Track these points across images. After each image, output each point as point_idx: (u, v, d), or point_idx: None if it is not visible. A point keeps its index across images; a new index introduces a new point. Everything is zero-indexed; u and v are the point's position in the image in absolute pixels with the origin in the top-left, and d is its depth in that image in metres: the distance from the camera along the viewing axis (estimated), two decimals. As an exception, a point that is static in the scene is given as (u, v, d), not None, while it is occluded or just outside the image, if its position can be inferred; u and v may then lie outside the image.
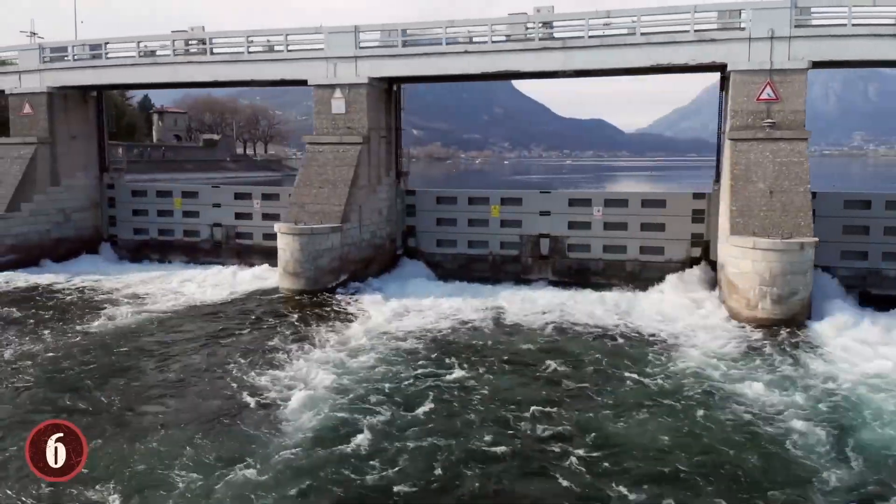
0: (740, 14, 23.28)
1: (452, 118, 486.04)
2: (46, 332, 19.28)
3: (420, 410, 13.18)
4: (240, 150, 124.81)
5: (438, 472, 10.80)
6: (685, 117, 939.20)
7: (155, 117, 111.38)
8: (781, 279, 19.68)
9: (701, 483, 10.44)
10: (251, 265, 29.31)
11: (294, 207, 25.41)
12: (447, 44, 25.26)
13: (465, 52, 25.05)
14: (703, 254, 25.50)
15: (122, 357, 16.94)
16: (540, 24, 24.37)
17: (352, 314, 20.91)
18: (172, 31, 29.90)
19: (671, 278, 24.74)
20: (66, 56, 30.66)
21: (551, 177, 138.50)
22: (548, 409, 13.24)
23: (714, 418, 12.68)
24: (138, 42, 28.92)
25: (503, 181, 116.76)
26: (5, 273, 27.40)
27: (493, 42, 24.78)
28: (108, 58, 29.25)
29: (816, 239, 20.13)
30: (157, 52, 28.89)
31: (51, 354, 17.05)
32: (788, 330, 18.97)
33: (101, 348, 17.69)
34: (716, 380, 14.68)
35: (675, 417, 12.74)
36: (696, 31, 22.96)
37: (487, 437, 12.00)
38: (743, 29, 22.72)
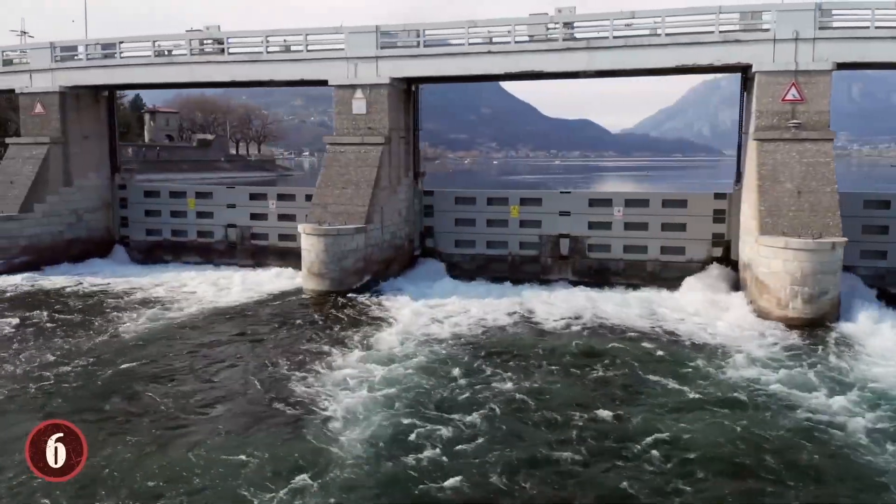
0: (762, 16, 23.49)
1: (439, 118, 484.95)
2: (77, 335, 19.00)
3: (474, 417, 12.93)
4: (232, 150, 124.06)
5: (504, 479, 10.61)
6: (670, 117, 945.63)
7: (147, 117, 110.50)
8: (812, 279, 19.82)
9: (772, 486, 10.45)
10: (266, 266, 29.18)
11: (317, 208, 25.27)
12: (470, 44, 25.23)
13: (489, 52, 25.03)
14: (724, 253, 25.65)
15: (159, 361, 16.69)
16: (562, 25, 24.39)
17: (383, 317, 20.73)
18: (187, 31, 29.70)
19: (694, 278, 24.84)
20: (76, 55, 30.38)
21: (546, 177, 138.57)
22: (603, 412, 13.17)
23: (773, 420, 12.70)
24: (154, 42, 28.64)
25: (494, 181, 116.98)
26: (21, 275, 27.02)
27: (515, 42, 24.77)
28: (122, 57, 28.94)
29: (846, 239, 20.31)
30: (173, 52, 28.60)
31: (84, 359, 16.77)
32: (820, 329, 19.12)
33: (135, 351, 17.45)
34: (766, 381, 14.68)
35: (733, 419, 12.72)
36: (720, 31, 23.07)
37: (547, 443, 11.87)
38: (767, 30, 22.86)
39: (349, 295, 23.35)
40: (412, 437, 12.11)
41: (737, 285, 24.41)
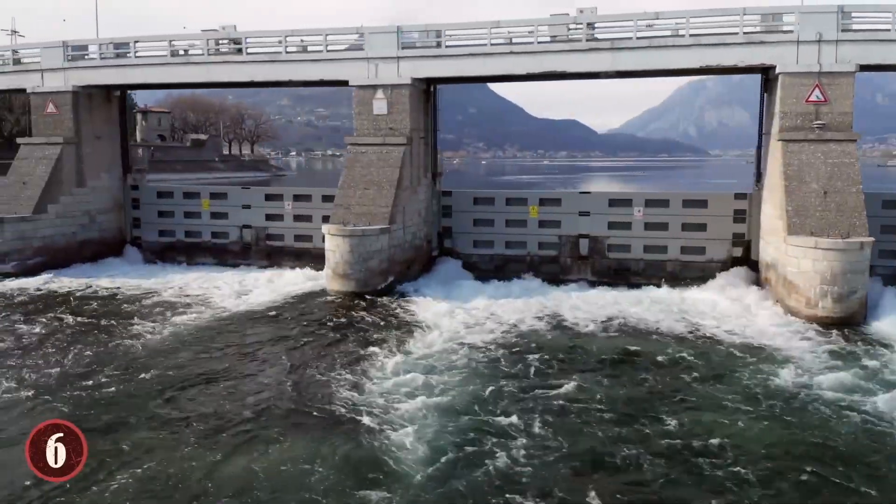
0: (782, 17, 23.68)
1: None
2: (107, 339, 18.71)
3: (532, 424, 12.67)
4: (224, 151, 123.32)
5: (578, 489, 10.47)
6: (656, 118, 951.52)
7: (139, 117, 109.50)
8: (842, 278, 20.01)
9: (839, 489, 10.48)
10: (282, 267, 29.04)
11: (339, 209, 25.17)
12: (492, 44, 25.23)
13: (511, 52, 25.04)
14: (744, 253, 25.82)
15: (197, 365, 16.49)
16: (585, 25, 24.44)
17: (415, 320, 20.55)
18: (203, 31, 29.46)
19: (717, 278, 25.02)
20: (87, 55, 30.08)
21: (540, 177, 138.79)
22: (660, 416, 13.11)
23: (830, 421, 12.75)
24: (170, 41, 28.40)
25: (484, 181, 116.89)
26: (37, 276, 26.70)
27: (538, 42, 24.80)
28: (137, 57, 28.68)
29: (873, 239, 20.53)
30: (189, 52, 28.38)
31: (119, 364, 16.52)
32: (851, 328, 19.33)
33: (169, 355, 17.21)
34: (814, 382, 14.71)
35: (790, 421, 12.76)
36: (745, 33, 23.21)
37: (611, 449, 11.77)
38: (790, 32, 23.03)
39: (374, 296, 23.30)
40: (476, 445, 11.84)
41: (757, 285, 24.64)
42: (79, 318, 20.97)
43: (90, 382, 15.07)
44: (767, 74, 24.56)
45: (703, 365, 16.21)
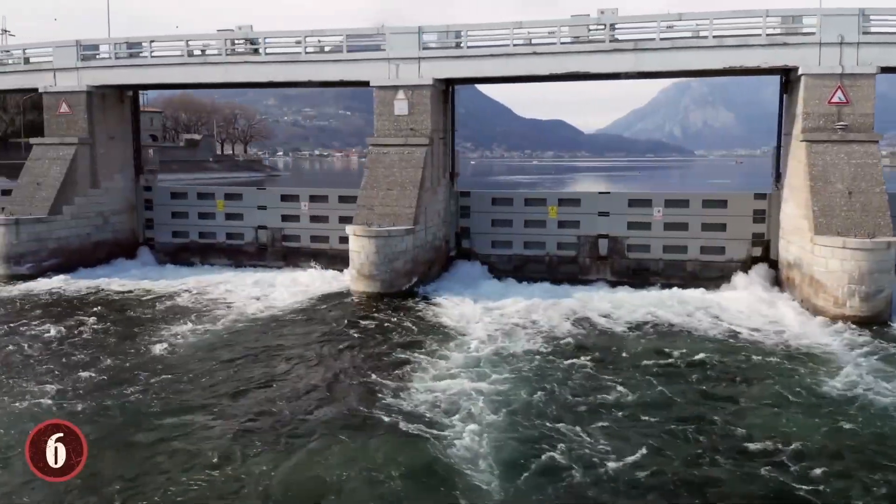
0: (802, 19, 23.92)
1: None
2: (136, 343, 18.43)
3: (597, 433, 12.39)
4: (217, 150, 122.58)
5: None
6: (641, 118, 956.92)
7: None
8: (869, 277, 20.23)
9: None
10: (298, 268, 28.95)
11: (363, 209, 25.12)
12: (514, 45, 25.29)
13: (534, 53, 25.10)
14: (763, 253, 26.04)
15: (235, 369, 16.25)
16: (608, 26, 24.54)
17: (445, 321, 20.42)
18: (219, 31, 29.30)
19: (740, 277, 25.23)
20: (98, 54, 29.82)
21: (536, 177, 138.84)
22: (722, 419, 13.05)
23: (887, 418, 12.93)
24: (186, 41, 28.22)
25: (472, 181, 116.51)
26: (52, 278, 26.41)
27: (561, 43, 24.88)
28: (154, 56, 28.47)
29: (900, 238, 20.79)
30: (206, 52, 28.23)
31: (154, 368, 16.28)
32: (878, 326, 19.59)
33: (205, 358, 17.07)
34: (863, 380, 14.88)
35: (851, 419, 12.85)
36: (767, 34, 23.42)
37: (685, 455, 11.62)
38: (813, 34, 23.26)
39: (399, 297, 23.27)
40: (546, 456, 11.49)
41: (776, 284, 24.89)
42: (101, 322, 20.64)
43: (125, 390, 14.61)
44: (788, 76, 24.80)
45: (746, 365, 16.31)
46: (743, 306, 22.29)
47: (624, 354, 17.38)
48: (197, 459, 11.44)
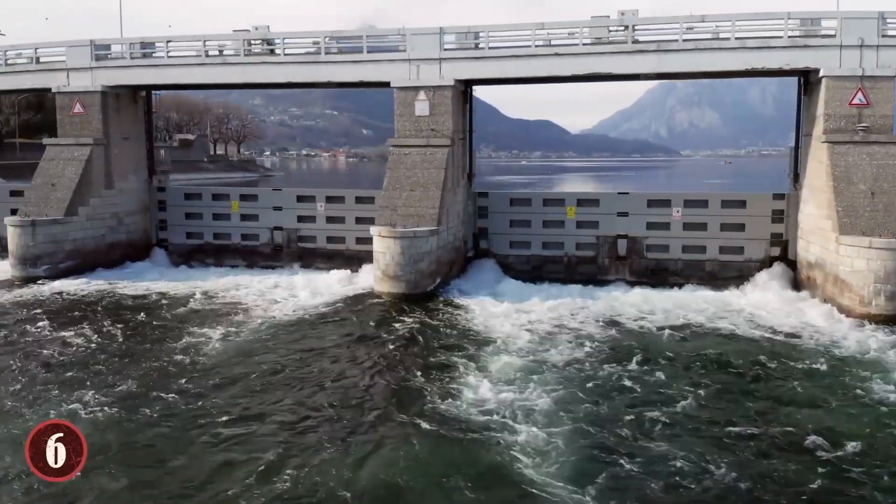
0: (821, 22, 24.19)
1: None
2: (164, 348, 18.09)
3: (659, 443, 12.18)
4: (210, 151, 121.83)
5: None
6: (627, 119, 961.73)
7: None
8: (895, 276, 20.50)
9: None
10: (313, 269, 28.92)
11: (386, 210, 25.10)
12: (536, 46, 25.37)
13: (556, 54, 25.19)
14: (781, 253, 26.29)
15: (274, 374, 16.09)
16: (630, 28, 24.67)
17: (476, 323, 20.40)
18: (235, 31, 29.16)
19: (759, 277, 25.46)
20: (109, 54, 29.60)
21: (527, 178, 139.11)
22: (786, 423, 13.07)
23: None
24: (204, 41, 28.07)
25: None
26: (70, 280, 26.20)
27: (584, 45, 24.99)
28: (170, 56, 28.30)
29: (924, 238, 21.06)
30: (224, 52, 28.10)
31: (194, 372, 16.13)
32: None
33: (242, 360, 16.99)
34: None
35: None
36: (789, 36, 23.65)
37: (744, 455, 11.70)
38: (833, 36, 23.52)
39: (424, 298, 23.27)
40: (614, 463, 11.37)
41: (795, 283, 25.15)
42: (129, 326, 20.39)
43: (167, 397, 14.30)
44: (807, 77, 25.04)
45: (790, 365, 16.38)
46: (769, 306, 22.50)
47: (666, 356, 17.25)
48: (260, 465, 11.34)
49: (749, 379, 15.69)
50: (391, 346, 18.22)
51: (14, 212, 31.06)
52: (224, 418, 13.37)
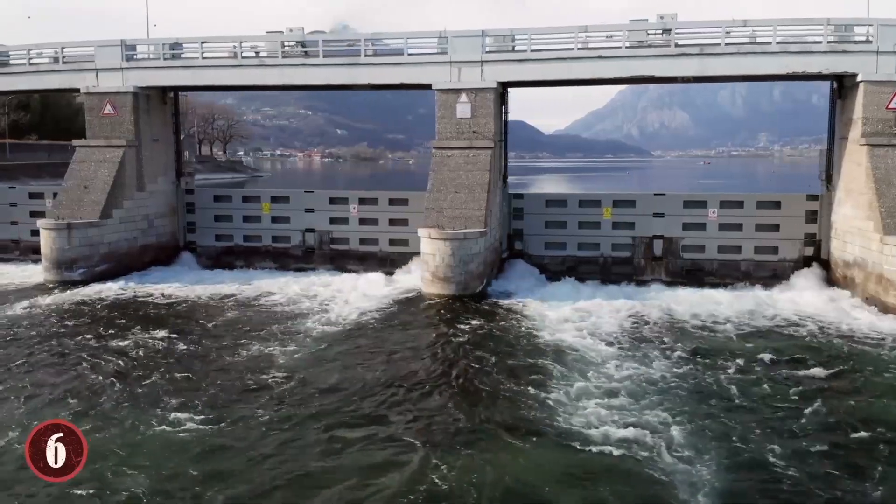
0: (854, 28, 24.86)
1: (377, 118, 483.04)
2: (228, 356, 17.67)
3: (797, 456, 12.00)
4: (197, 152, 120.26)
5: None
6: (600, 120, 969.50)
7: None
8: (940, 275, 21.19)
9: None
10: (346, 271, 28.93)
11: (432, 212, 25.17)
12: (578, 49, 25.67)
13: (599, 56, 25.50)
14: (814, 253, 26.91)
15: (354, 380, 15.84)
16: (671, 31, 25.07)
17: (534, 324, 20.48)
18: (268, 32, 29.03)
19: (793, 277, 26.05)
20: (135, 54, 29.27)
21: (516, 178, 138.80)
22: (853, 413, 13.48)
23: None
24: (240, 42, 27.89)
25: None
26: (108, 284, 25.85)
27: (626, 48, 25.34)
28: (205, 58, 28.06)
29: (966, 238, 21.78)
30: (261, 54, 27.95)
31: (265, 383, 15.86)
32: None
33: (312, 370, 16.64)
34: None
35: None
36: (828, 42, 24.25)
37: (814, 457, 11.81)
38: (870, 42, 24.18)
39: (473, 300, 23.37)
40: (756, 480, 11.11)
41: (828, 282, 25.77)
42: (184, 332, 19.86)
43: (255, 411, 13.87)
44: (842, 82, 25.67)
45: (863, 362, 16.86)
46: (813, 306, 22.94)
47: (758, 360, 17.05)
48: (373, 468, 11.40)
49: (856, 382, 15.71)
50: (462, 350, 17.95)
51: (34, 214, 30.66)
52: (338, 419, 13.43)
